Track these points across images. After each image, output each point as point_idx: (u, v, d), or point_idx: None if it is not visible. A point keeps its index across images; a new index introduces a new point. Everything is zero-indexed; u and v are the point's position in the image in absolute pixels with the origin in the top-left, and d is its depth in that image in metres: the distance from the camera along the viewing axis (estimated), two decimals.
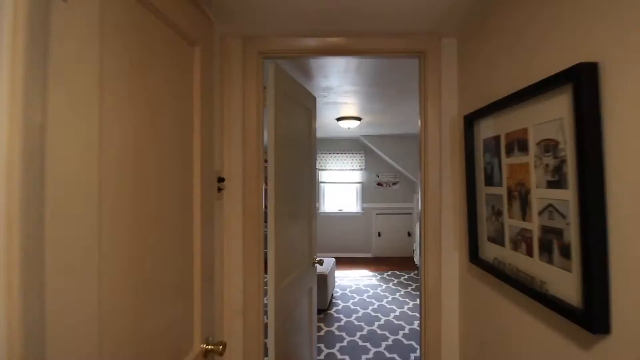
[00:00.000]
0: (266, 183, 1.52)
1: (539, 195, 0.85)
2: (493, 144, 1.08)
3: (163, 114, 0.79)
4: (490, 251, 1.12)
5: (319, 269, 3.59)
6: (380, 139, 5.39)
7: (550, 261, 0.81)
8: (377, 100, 2.82)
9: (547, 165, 0.81)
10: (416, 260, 5.06)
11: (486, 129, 1.13)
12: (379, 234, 5.90)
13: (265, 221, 1.52)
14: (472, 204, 1.21)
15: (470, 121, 1.22)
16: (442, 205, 1.47)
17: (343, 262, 5.53)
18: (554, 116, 0.78)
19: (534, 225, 0.87)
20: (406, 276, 4.78)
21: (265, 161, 1.53)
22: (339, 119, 3.67)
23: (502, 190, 1.03)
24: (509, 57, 1.01)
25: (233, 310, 1.47)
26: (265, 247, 1.52)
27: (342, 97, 2.69)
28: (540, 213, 0.84)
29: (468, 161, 1.24)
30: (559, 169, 0.77)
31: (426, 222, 1.48)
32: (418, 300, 3.95)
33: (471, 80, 1.30)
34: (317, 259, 2.17)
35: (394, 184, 5.91)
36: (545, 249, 0.83)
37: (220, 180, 1.33)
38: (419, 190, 1.58)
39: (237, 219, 1.48)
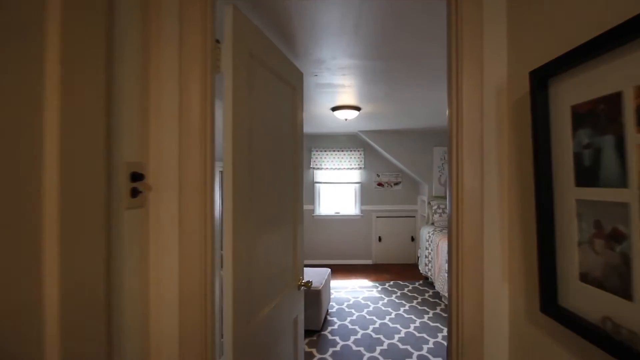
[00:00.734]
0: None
1: None
2: (601, 112, 0.60)
3: None
4: (589, 301, 0.64)
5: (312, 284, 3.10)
6: (381, 135, 4.91)
7: None
8: (379, 81, 2.34)
9: None
10: (421, 269, 4.57)
11: (581, 88, 0.64)
12: (380, 239, 5.41)
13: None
14: (546, 217, 0.73)
15: (543, 78, 0.74)
16: (485, 216, 0.98)
17: (340, 270, 5.04)
18: None
19: None
20: (410, 287, 4.29)
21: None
22: (334, 109, 3.19)
23: (629, 195, 0.54)
24: None
25: None
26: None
27: (337, 76, 2.20)
28: None
29: (537, 146, 0.75)
30: None
31: (458, 241, 1.00)
32: (426, 317, 3.51)
33: (538, 14, 0.82)
34: (304, 280, 1.68)
35: (396, 184, 5.43)
36: None
37: (136, 178, 0.84)
38: (447, 195, 1.09)
39: (170, 238, 0.99)
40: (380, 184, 5.43)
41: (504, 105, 1.00)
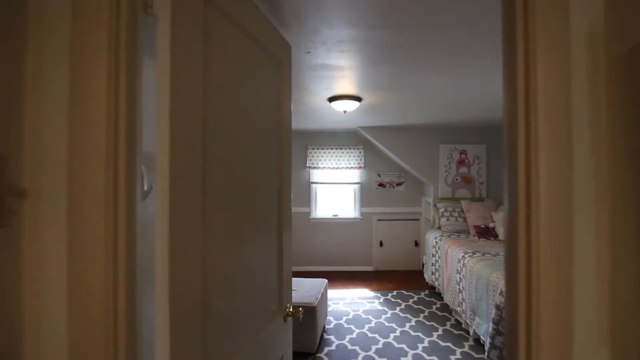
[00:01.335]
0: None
1: None
2: None
3: None
4: None
5: (305, 298, 2.72)
6: (383, 131, 4.52)
7: None
8: (385, 61, 1.95)
9: None
10: (427, 277, 4.19)
11: None
12: (381, 244, 5.03)
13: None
14: None
15: None
16: (576, 241, 0.59)
17: (338, 278, 4.66)
18: None
19: None
20: (416, 298, 3.90)
21: None
22: (332, 99, 2.80)
23: None
24: None
25: None
26: None
27: (334, 54, 1.81)
28: None
29: None
30: None
31: (530, 283, 0.61)
32: (435, 335, 3.10)
33: None
34: (291, 309, 1.30)
35: (399, 184, 5.04)
36: None
37: None
38: (506, 207, 0.70)
39: (56, 277, 0.60)
40: (381, 185, 5.04)
41: (601, 62, 0.62)
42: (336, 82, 2.36)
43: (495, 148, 4.63)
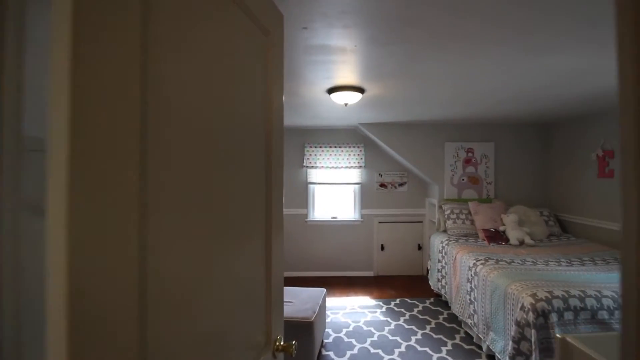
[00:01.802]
0: None
1: None
2: None
3: None
4: None
5: (301, 312, 2.44)
6: (385, 128, 4.25)
7: None
8: (394, 41, 1.68)
9: None
10: (432, 284, 3.92)
11: None
12: (382, 248, 4.76)
13: None
14: None
15: None
16: None
17: (337, 284, 4.38)
18: None
19: None
20: (420, 307, 3.63)
21: None
22: (331, 91, 2.52)
23: None
24: None
25: None
26: None
27: (336, 30, 1.53)
28: None
29: None
30: None
31: None
32: (444, 350, 2.78)
33: None
34: (281, 339, 1.02)
35: (401, 185, 4.77)
36: None
37: None
38: (623, 216, 0.42)
39: None
40: (383, 185, 4.77)
41: None
42: (337, 70, 2.08)
43: (504, 146, 4.37)
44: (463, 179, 4.32)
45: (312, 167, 4.69)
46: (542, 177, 4.40)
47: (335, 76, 2.21)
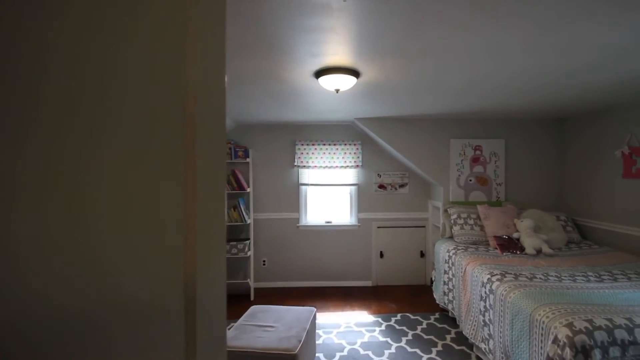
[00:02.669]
0: None
1: None
2: None
3: None
4: None
5: (283, 342, 2.01)
6: (384, 123, 3.84)
7: None
8: (397, 0, 1.26)
9: None
10: (437, 298, 3.50)
11: None
12: (381, 255, 4.34)
13: None
14: None
15: None
16: None
17: (332, 295, 3.95)
18: None
19: None
20: (424, 324, 3.21)
21: None
22: (319, 74, 2.10)
23: None
24: None
25: None
26: None
27: None
28: None
29: None
30: None
31: None
32: None
33: None
34: None
35: (402, 186, 4.36)
36: None
37: None
38: None
39: None
40: (381, 186, 4.35)
41: None
42: (324, 43, 1.66)
43: (515, 143, 3.95)
44: (470, 180, 3.90)
45: (304, 167, 4.26)
46: (557, 178, 3.99)
47: (323, 52, 1.79)
